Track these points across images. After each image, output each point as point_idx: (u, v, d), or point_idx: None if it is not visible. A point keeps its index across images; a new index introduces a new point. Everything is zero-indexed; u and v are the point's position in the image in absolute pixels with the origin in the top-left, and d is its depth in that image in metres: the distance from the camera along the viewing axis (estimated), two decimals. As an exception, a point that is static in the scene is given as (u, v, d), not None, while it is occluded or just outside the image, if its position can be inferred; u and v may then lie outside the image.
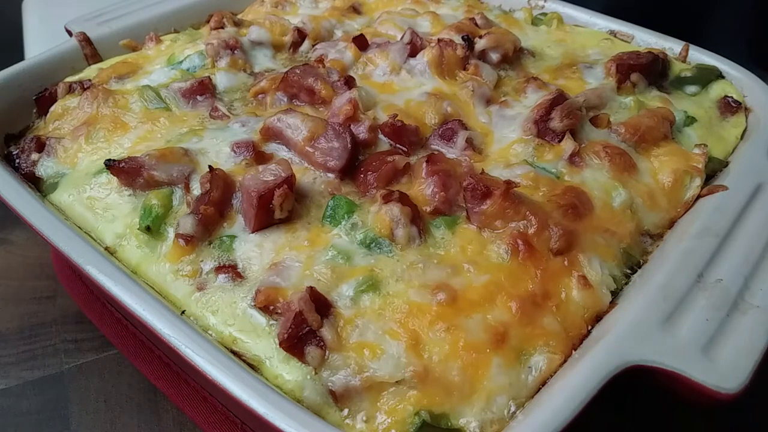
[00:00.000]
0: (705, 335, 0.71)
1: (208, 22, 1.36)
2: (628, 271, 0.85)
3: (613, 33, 1.30)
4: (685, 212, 0.92)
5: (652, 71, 1.12)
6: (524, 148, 0.97)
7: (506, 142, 0.99)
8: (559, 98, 0.99)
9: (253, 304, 0.77)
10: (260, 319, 0.76)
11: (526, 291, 0.77)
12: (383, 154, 0.94)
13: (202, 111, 1.06)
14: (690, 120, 1.05)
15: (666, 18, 1.45)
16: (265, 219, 0.83)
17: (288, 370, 0.72)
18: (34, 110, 1.13)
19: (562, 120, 0.96)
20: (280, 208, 0.83)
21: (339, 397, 0.69)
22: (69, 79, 1.17)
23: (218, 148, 0.95)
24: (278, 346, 0.72)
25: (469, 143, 0.97)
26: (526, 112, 1.02)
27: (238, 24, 1.33)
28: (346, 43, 1.19)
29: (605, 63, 1.14)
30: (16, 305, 1.16)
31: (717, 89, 1.12)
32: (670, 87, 1.14)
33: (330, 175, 0.91)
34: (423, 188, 0.88)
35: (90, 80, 1.15)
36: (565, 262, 0.80)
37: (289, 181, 0.84)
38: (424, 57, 1.11)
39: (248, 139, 0.96)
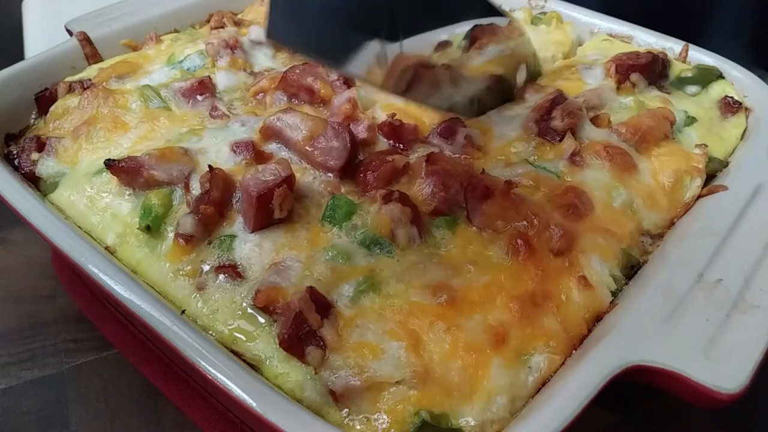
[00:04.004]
0: (705, 335, 0.71)
1: (208, 21, 1.36)
2: (629, 271, 0.85)
3: (612, 33, 1.29)
4: (686, 212, 0.91)
5: (652, 71, 1.12)
6: (525, 146, 0.97)
7: (506, 140, 0.99)
8: (559, 98, 0.99)
9: (253, 304, 0.77)
10: (260, 319, 0.76)
11: (526, 291, 0.76)
12: (383, 153, 0.93)
13: (202, 110, 1.06)
14: (690, 120, 1.05)
15: (666, 18, 1.45)
16: (264, 219, 0.83)
17: (288, 370, 0.72)
18: (34, 110, 1.13)
19: (563, 119, 0.96)
20: (279, 207, 0.82)
21: (339, 397, 0.69)
22: (69, 78, 1.17)
23: (218, 148, 0.95)
24: (278, 346, 0.72)
25: (469, 141, 0.97)
26: (526, 112, 1.01)
27: (238, 24, 1.33)
28: (346, 42, 1.19)
29: (604, 63, 1.14)
30: (16, 305, 1.16)
31: (717, 89, 1.12)
32: (671, 87, 1.14)
33: (329, 174, 0.91)
34: (423, 188, 0.88)
35: (90, 80, 1.15)
36: (566, 263, 0.80)
37: (289, 180, 0.84)
38: (424, 57, 1.11)
39: (248, 139, 0.96)
